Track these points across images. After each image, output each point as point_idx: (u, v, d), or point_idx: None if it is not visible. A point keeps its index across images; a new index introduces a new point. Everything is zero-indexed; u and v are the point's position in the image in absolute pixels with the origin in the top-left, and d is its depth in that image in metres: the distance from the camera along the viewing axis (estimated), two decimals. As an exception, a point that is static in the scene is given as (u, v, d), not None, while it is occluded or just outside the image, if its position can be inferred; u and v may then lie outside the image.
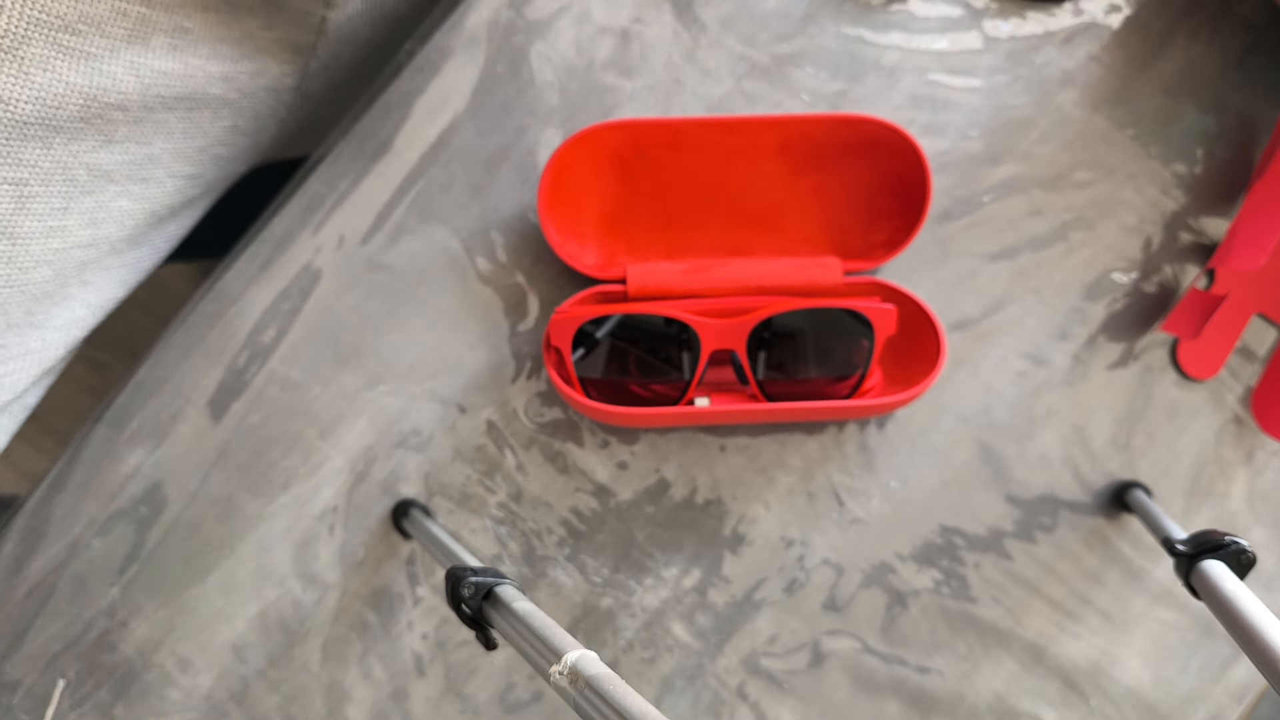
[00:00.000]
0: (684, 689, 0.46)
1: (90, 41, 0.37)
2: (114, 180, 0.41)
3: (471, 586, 0.35)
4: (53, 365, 0.44)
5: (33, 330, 0.42)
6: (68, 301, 0.43)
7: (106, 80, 0.38)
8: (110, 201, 0.42)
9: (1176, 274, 0.48)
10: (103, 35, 0.37)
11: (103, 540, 0.46)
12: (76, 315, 0.43)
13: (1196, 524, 0.47)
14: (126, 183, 0.42)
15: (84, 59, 0.37)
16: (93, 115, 0.39)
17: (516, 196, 0.47)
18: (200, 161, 0.45)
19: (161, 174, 0.43)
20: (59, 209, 0.40)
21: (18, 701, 0.45)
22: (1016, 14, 0.48)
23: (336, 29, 0.48)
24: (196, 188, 0.46)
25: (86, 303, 0.44)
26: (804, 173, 0.46)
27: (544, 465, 0.47)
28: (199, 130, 0.44)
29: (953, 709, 0.46)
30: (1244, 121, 0.48)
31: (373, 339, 0.47)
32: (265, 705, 0.46)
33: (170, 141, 0.43)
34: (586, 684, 0.28)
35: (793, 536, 0.47)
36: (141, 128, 0.41)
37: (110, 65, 0.38)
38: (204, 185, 0.46)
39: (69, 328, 0.43)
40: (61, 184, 0.39)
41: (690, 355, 0.44)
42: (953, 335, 0.47)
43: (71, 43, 0.37)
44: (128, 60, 0.39)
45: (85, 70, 0.37)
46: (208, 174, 0.46)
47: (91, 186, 0.41)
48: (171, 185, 0.44)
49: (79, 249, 0.41)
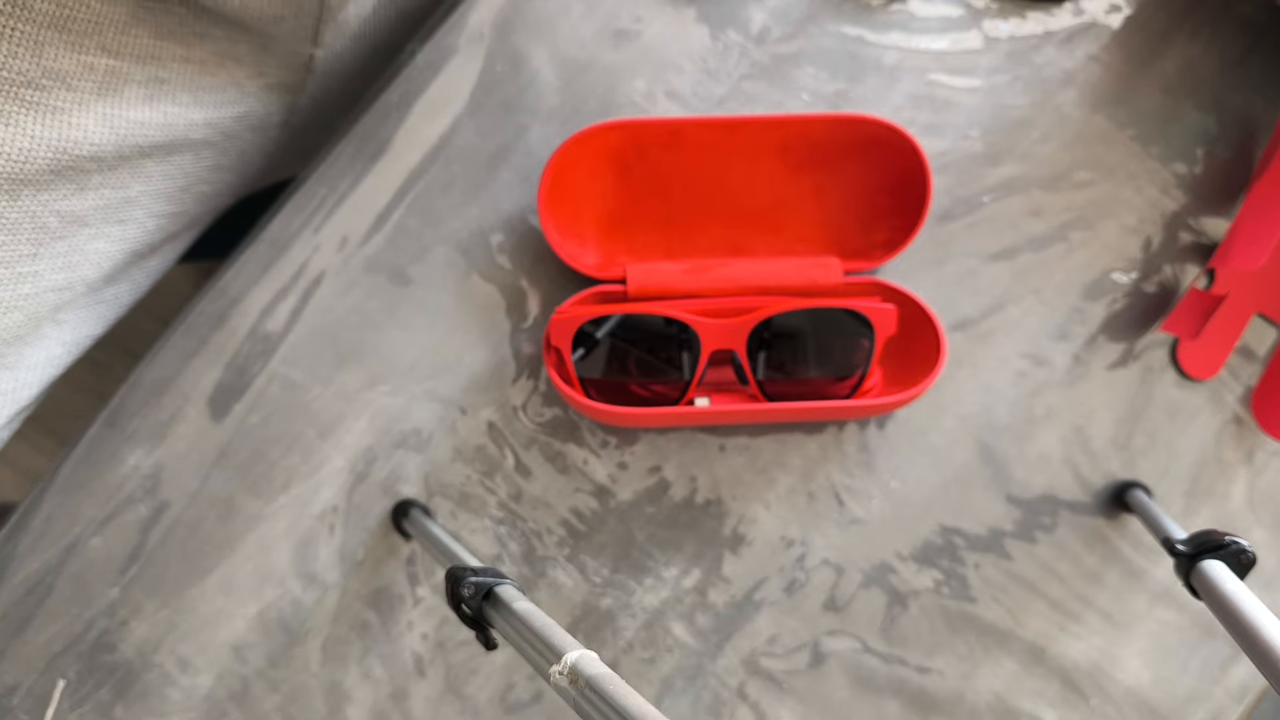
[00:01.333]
0: (684, 689, 0.46)
1: (56, 96, 0.36)
2: (87, 224, 0.40)
3: (471, 586, 0.35)
4: (27, 404, 0.42)
5: (5, 371, 0.41)
6: (41, 341, 0.42)
7: (77, 133, 0.37)
8: (85, 244, 0.40)
9: (1176, 274, 0.48)
10: (69, 89, 0.36)
11: (103, 540, 0.46)
12: (52, 354, 0.42)
13: (1196, 524, 0.47)
14: (101, 225, 0.41)
15: (50, 113, 0.36)
16: (64, 167, 0.38)
17: (516, 196, 0.47)
18: (182, 200, 0.44)
19: (140, 214, 0.42)
20: (28, 255, 0.38)
21: (18, 702, 0.45)
22: (1016, 14, 0.48)
23: (325, 65, 0.47)
24: (179, 224, 0.45)
25: (62, 341, 0.43)
26: (804, 173, 0.46)
27: (544, 465, 0.47)
28: (180, 172, 0.42)
29: (953, 709, 0.46)
30: (1244, 121, 0.48)
31: (373, 339, 0.47)
32: (265, 705, 0.46)
33: (149, 184, 0.41)
34: (586, 684, 0.28)
35: (793, 536, 0.47)
36: (117, 174, 0.40)
37: (80, 118, 0.37)
38: (187, 221, 0.45)
39: (44, 366, 0.42)
40: (30, 231, 0.38)
41: (690, 355, 0.44)
42: (953, 335, 0.47)
43: (35, 98, 0.35)
44: (99, 112, 0.37)
45: (52, 124, 0.36)
46: (190, 210, 0.45)
47: (63, 232, 0.39)
48: (152, 224, 0.43)
49: (52, 292, 0.40)
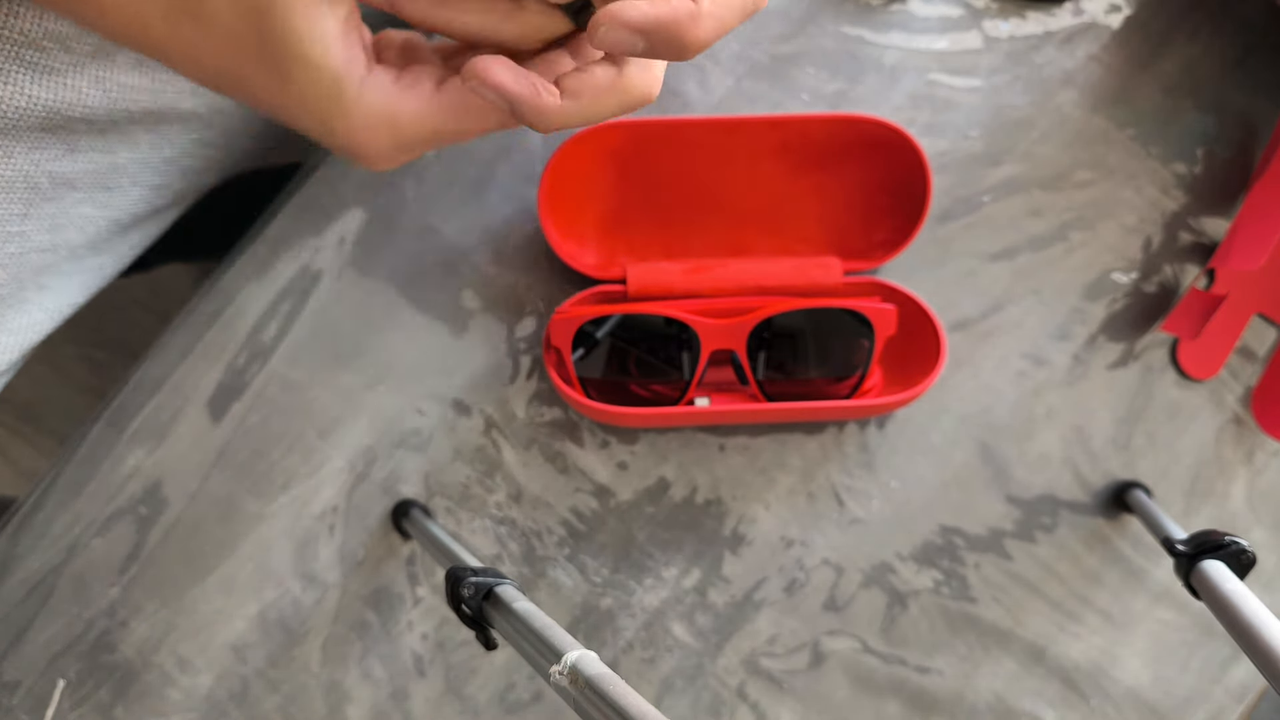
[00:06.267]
0: (684, 689, 0.46)
1: (54, 57, 0.37)
2: (76, 188, 0.41)
3: (471, 586, 0.35)
4: (6, 369, 0.43)
5: None
6: (24, 305, 0.42)
7: (71, 94, 0.38)
8: (72, 208, 0.41)
9: (1176, 274, 0.48)
10: (67, 51, 0.37)
11: (103, 540, 0.46)
12: (33, 319, 0.43)
13: (1196, 524, 0.47)
14: (90, 190, 0.42)
15: (47, 73, 0.37)
16: (56, 127, 0.39)
17: (516, 196, 0.47)
18: (167, 173, 0.44)
19: (126, 183, 0.43)
20: (19, 214, 0.39)
21: (18, 701, 0.45)
22: (1016, 14, 0.48)
23: None
24: (163, 197, 0.45)
25: (44, 307, 0.43)
26: (804, 173, 0.46)
27: (544, 465, 0.47)
28: (166, 142, 0.43)
29: (953, 709, 0.46)
30: (1244, 121, 0.48)
31: (372, 339, 0.47)
32: (265, 705, 0.46)
33: (136, 152, 0.42)
34: (586, 684, 0.28)
35: (793, 536, 0.47)
36: (107, 139, 0.41)
37: (75, 80, 0.38)
38: (171, 196, 0.46)
39: (25, 331, 0.43)
40: (23, 190, 0.39)
41: (690, 355, 0.44)
42: (953, 335, 0.47)
43: (34, 58, 0.37)
44: (93, 75, 0.38)
45: (49, 84, 0.37)
46: (175, 184, 0.45)
47: (54, 194, 0.40)
48: (136, 194, 0.44)
49: (37, 253, 0.41)
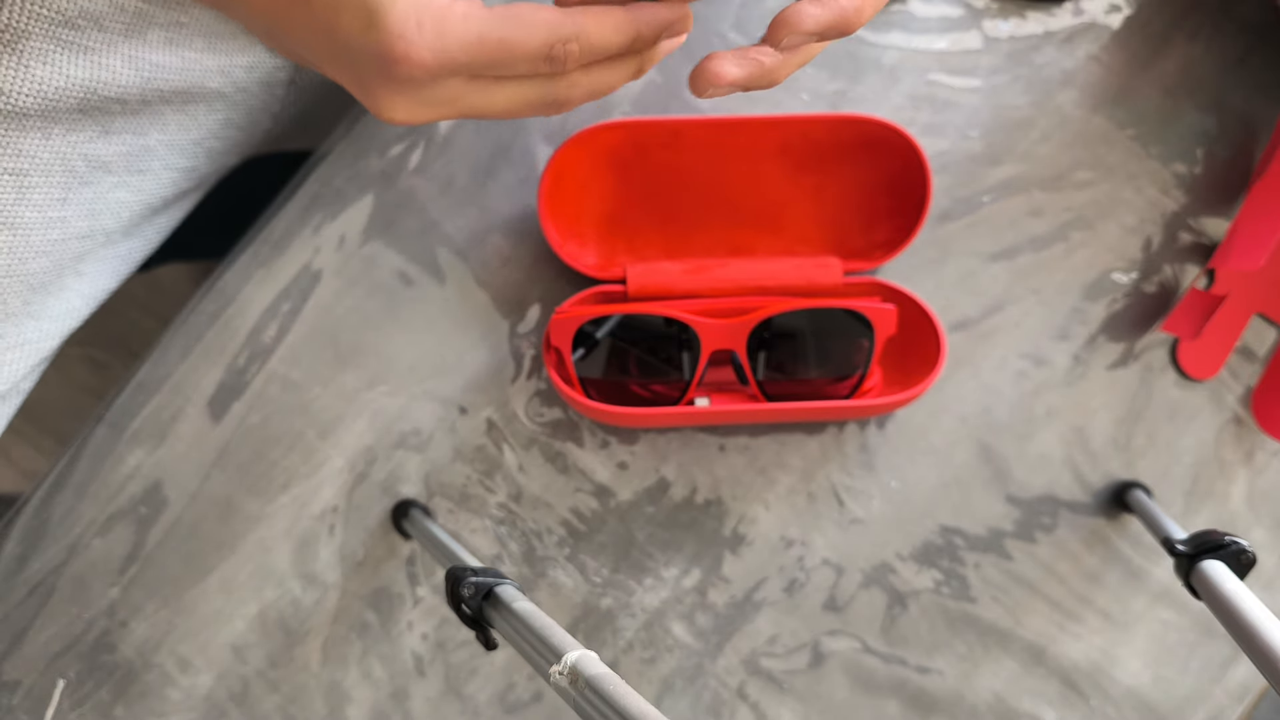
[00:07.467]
0: (684, 689, 0.46)
1: (89, 36, 0.38)
2: (111, 171, 0.42)
3: (471, 586, 0.35)
4: (49, 354, 0.44)
5: (30, 320, 0.42)
6: (63, 292, 0.43)
7: (105, 74, 0.39)
8: (108, 193, 0.42)
9: (1176, 274, 0.48)
10: (101, 30, 0.38)
11: (103, 540, 0.46)
12: (71, 305, 0.44)
13: (1196, 524, 0.47)
14: (124, 174, 0.43)
15: (83, 52, 0.38)
16: (91, 107, 0.39)
17: (516, 196, 0.47)
18: (194, 154, 0.45)
19: (157, 166, 0.44)
20: (58, 199, 0.40)
21: (18, 701, 0.45)
22: (1016, 14, 0.48)
23: None
24: (190, 180, 0.46)
25: (81, 293, 0.44)
26: (804, 173, 0.46)
27: (544, 465, 0.47)
28: (194, 123, 0.44)
29: (953, 709, 0.46)
30: (1244, 121, 0.48)
31: (373, 339, 0.47)
32: (265, 705, 0.46)
33: (165, 134, 0.43)
34: (586, 684, 0.28)
35: (793, 536, 0.47)
36: (138, 119, 0.42)
37: (108, 59, 0.39)
38: (197, 178, 0.47)
39: (64, 318, 0.44)
40: (61, 174, 0.40)
41: (690, 355, 0.44)
42: (953, 335, 0.47)
43: (70, 37, 0.37)
44: (125, 54, 0.39)
45: (84, 64, 0.38)
46: (201, 167, 0.46)
47: (90, 178, 0.41)
48: (166, 177, 0.45)
49: (76, 240, 0.42)
